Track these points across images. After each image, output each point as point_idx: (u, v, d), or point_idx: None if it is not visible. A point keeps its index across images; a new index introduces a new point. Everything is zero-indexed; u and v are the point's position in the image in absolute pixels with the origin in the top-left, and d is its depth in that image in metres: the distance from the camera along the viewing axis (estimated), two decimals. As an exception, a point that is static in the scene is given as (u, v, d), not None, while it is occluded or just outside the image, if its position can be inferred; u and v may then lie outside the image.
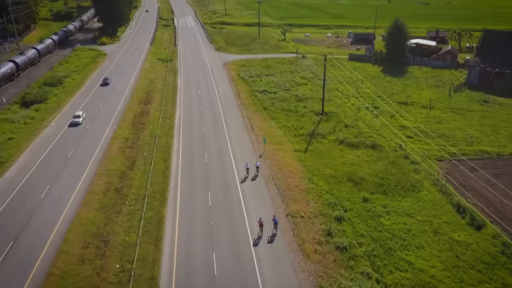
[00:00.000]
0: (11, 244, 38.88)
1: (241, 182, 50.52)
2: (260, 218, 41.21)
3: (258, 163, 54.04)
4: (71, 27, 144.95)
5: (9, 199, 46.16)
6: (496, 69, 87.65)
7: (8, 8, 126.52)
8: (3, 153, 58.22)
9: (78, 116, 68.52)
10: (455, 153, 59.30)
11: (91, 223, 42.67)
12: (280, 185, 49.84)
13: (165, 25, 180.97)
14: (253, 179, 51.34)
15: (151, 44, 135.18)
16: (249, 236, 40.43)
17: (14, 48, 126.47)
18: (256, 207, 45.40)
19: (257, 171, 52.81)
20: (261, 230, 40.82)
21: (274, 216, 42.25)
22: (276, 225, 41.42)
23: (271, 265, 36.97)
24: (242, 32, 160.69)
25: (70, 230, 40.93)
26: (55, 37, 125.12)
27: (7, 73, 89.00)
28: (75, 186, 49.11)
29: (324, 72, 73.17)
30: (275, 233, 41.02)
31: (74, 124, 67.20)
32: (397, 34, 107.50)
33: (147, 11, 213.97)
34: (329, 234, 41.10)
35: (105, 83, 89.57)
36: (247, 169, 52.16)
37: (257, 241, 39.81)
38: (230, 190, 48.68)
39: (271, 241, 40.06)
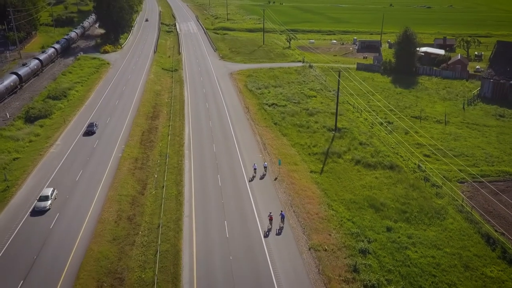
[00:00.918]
0: (20, 286, 36.73)
1: (257, 208, 48.44)
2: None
3: (265, 163, 58.29)
4: (73, 34, 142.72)
5: (16, 231, 44.03)
6: (511, 82, 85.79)
7: (10, 17, 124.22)
8: (8, 175, 56.15)
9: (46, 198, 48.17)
10: (476, 175, 57.50)
11: (104, 257, 40.58)
12: (300, 213, 47.81)
13: (167, 31, 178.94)
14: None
15: (154, 52, 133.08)
16: (273, 279, 38.23)
17: (15, 57, 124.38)
18: (277, 238, 43.35)
19: (265, 171, 56.39)
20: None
21: (281, 211, 46.75)
22: (283, 219, 45.63)
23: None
24: (245, 39, 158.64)
25: (82, 267, 38.83)
26: (57, 46, 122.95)
27: (10, 86, 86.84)
28: (85, 214, 47.03)
29: (338, 89, 71.15)
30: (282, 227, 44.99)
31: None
32: (406, 44, 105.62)
33: (146, 20, 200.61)
34: (355, 270, 39.12)
35: (89, 132, 67.25)
36: (255, 169, 56.25)
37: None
38: (247, 219, 46.61)
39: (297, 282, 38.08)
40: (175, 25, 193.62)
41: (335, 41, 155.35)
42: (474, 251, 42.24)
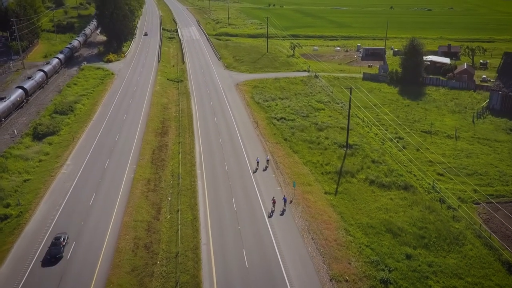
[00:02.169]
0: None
1: (274, 235, 48.10)
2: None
3: (267, 156, 63.53)
4: (75, 43, 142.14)
5: (33, 262, 43.54)
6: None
7: (13, 27, 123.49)
8: (21, 199, 55.71)
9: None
10: (491, 194, 57.34)
11: (124, 291, 40.17)
12: (318, 240, 47.45)
13: (170, 38, 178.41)
14: (286, 227, 49.01)
15: (158, 61, 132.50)
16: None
17: (19, 67, 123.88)
18: (297, 268, 43.00)
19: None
20: None
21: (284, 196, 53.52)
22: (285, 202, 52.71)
23: None
24: (249, 46, 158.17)
25: (103, 303, 38.44)
26: (61, 56, 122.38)
27: (16, 101, 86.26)
28: (102, 242, 46.58)
29: (349, 107, 70.74)
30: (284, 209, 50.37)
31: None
32: (413, 54, 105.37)
33: (146, 34, 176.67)
34: (379, 303, 38.80)
35: (54, 255, 43.83)
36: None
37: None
38: (265, 247, 46.19)
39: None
40: (177, 31, 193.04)
41: (338, 47, 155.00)
42: (496, 281, 41.98)
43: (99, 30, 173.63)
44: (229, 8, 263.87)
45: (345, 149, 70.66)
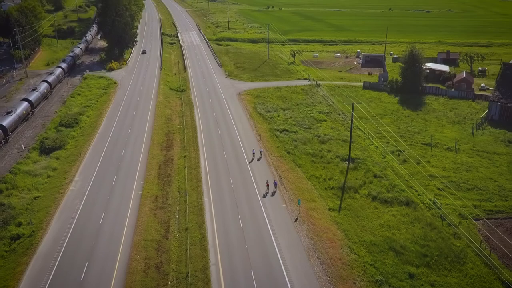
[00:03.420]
0: None
1: (281, 255, 49.54)
2: None
3: (261, 149, 74.03)
4: (77, 50, 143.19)
5: (47, 284, 44.87)
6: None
7: (16, 37, 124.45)
8: (32, 217, 57.01)
9: None
10: (491, 210, 58.94)
11: (137, 313, 41.55)
12: (323, 259, 48.90)
13: (170, 43, 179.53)
14: (294, 250, 50.46)
15: (160, 69, 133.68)
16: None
17: (22, 76, 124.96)
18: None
19: (261, 154, 70.00)
20: None
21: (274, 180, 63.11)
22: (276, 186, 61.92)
23: None
24: (249, 52, 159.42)
25: (119, 326, 39.81)
26: (64, 65, 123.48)
27: (22, 114, 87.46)
28: (113, 263, 47.94)
29: (351, 123, 72.15)
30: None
31: None
32: (412, 63, 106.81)
33: (144, 52, 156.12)
34: (384, 324, 40.25)
35: None
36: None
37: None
38: (272, 268, 47.61)
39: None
40: (177, 36, 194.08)
41: (338, 54, 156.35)
42: (496, 300, 43.49)
43: (100, 35, 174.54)
44: (228, 11, 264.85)
45: (347, 162, 72.10)
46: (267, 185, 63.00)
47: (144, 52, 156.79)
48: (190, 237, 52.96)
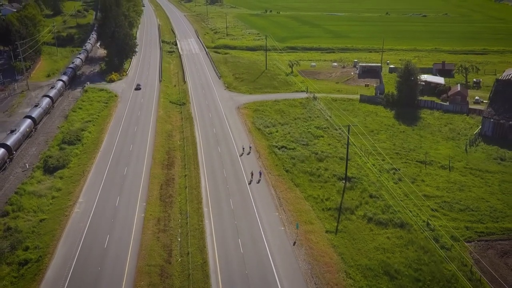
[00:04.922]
0: None
1: (280, 282, 51.57)
2: None
3: (250, 145, 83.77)
4: (77, 61, 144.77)
5: (57, 311, 46.85)
6: (510, 122, 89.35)
7: (17, 50, 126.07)
8: (38, 241, 58.83)
9: None
10: (482, 232, 61.09)
11: None
12: (321, 285, 50.95)
13: (169, 51, 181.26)
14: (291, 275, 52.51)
15: (160, 81, 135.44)
16: None
17: (23, 88, 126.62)
18: (301, 316, 46.52)
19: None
20: None
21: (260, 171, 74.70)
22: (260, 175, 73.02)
23: None
24: (248, 61, 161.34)
25: None
26: (64, 78, 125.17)
27: (26, 132, 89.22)
28: (119, 290, 49.88)
29: (348, 148, 74.23)
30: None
31: None
32: (408, 77, 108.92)
33: (138, 88, 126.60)
34: None
35: None
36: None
37: None
38: (272, 292, 49.72)
39: None
40: (176, 44, 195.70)
41: (336, 63, 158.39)
42: (485, 327, 45.60)
43: (99, 43, 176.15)
44: (227, 15, 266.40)
45: (344, 182, 74.15)
46: (252, 174, 75.47)
47: (138, 88, 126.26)
48: (192, 262, 54.94)
